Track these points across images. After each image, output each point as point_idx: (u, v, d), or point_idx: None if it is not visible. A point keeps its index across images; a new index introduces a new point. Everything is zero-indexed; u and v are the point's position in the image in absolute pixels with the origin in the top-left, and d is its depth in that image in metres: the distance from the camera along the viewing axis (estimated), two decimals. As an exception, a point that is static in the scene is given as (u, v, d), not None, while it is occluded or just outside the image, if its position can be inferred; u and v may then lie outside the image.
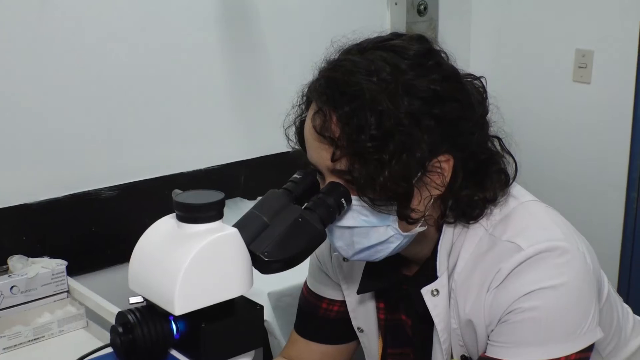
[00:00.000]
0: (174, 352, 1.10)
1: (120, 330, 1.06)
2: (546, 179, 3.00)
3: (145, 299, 1.09)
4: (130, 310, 1.08)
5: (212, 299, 1.06)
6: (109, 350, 1.11)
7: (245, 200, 2.64)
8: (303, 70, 1.31)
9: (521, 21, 3.23)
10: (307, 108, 1.28)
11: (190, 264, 1.02)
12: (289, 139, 1.35)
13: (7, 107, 2.24)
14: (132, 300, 1.10)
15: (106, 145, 2.44)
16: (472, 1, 3.33)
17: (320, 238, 1.20)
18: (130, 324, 1.06)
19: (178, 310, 1.02)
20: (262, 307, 1.13)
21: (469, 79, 1.32)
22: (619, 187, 3.00)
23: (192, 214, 1.06)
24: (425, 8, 3.05)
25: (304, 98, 1.30)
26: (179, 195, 1.08)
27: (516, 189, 1.36)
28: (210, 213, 1.06)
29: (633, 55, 2.87)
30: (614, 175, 3.01)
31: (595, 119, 3.04)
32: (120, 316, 1.08)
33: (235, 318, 1.10)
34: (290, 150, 1.37)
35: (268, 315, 2.22)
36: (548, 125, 3.19)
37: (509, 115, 1.36)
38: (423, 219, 1.26)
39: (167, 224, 1.10)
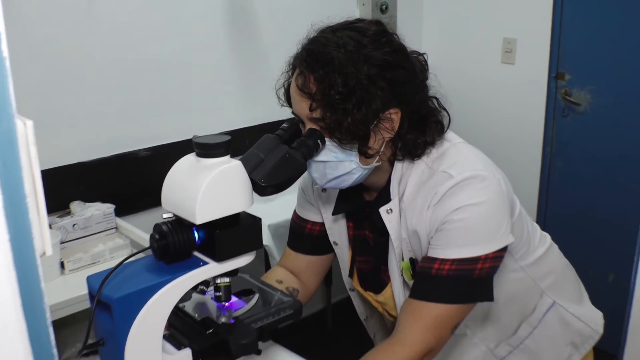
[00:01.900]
0: (196, 253, 1.12)
1: (157, 237, 1.08)
2: (478, 140, 3.03)
3: (174, 215, 1.11)
4: (163, 222, 1.10)
5: (223, 212, 1.07)
6: (149, 252, 1.13)
7: (250, 158, 2.67)
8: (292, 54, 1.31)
9: (461, 16, 3.24)
10: (292, 74, 1.30)
11: (207, 187, 1.04)
12: (279, 97, 1.36)
13: (71, 87, 2.25)
14: (165, 215, 1.11)
15: (142, 115, 2.46)
16: (424, 2, 3.34)
17: (302, 169, 1.23)
18: (164, 232, 1.08)
19: (199, 221, 1.04)
20: (260, 219, 1.14)
21: (415, 55, 1.34)
22: (536, 143, 3.04)
23: (207, 151, 1.07)
24: (386, 7, 3.06)
25: (290, 66, 1.31)
26: (197, 137, 1.10)
27: (450, 134, 1.38)
28: (220, 150, 1.08)
29: (546, 41, 2.90)
30: (532, 134, 3.04)
31: (519, 92, 3.07)
32: (157, 227, 1.10)
33: (240, 226, 1.11)
34: (284, 118, 1.36)
35: (268, 241, 2.25)
36: (482, 97, 3.21)
37: (453, 87, 1.36)
38: (378, 155, 1.29)
39: (188, 159, 1.12)
